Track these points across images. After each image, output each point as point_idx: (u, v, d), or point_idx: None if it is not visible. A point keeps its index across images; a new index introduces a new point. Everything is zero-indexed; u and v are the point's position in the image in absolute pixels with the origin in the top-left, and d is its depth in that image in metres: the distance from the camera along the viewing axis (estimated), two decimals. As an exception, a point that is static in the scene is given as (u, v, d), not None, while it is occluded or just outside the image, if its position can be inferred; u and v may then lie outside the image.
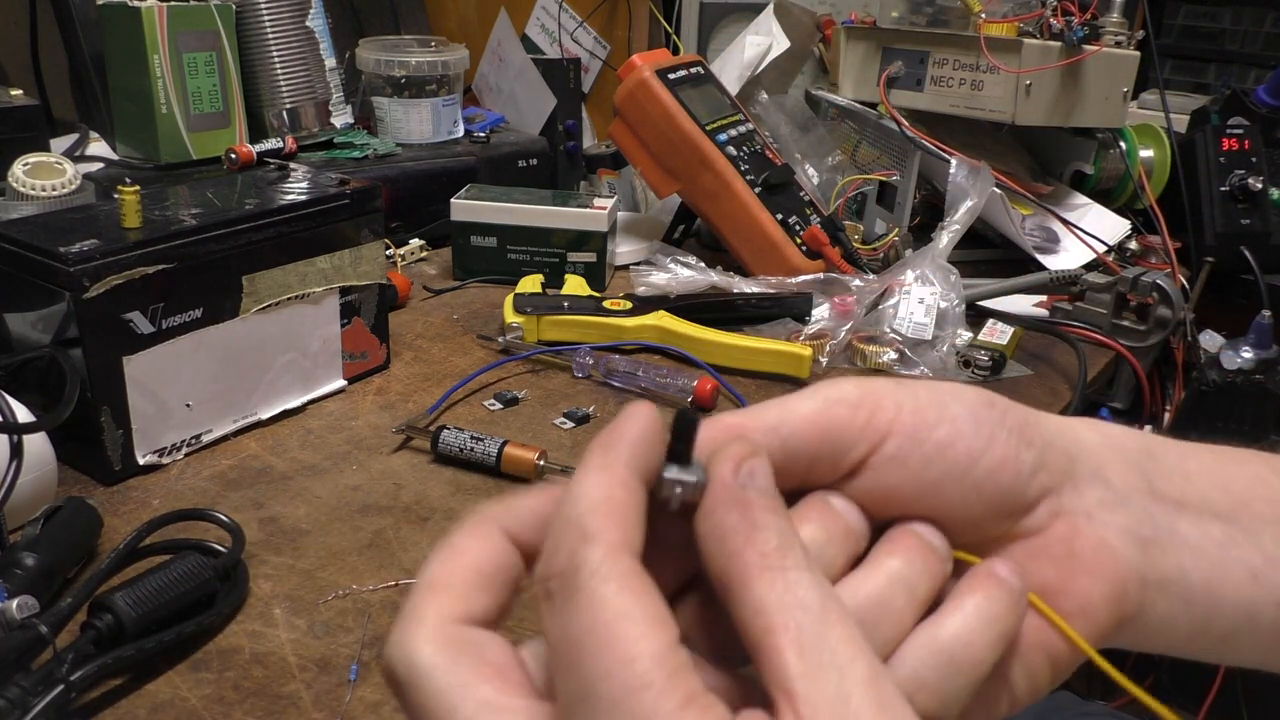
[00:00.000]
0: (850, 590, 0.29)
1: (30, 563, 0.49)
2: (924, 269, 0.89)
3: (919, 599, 0.29)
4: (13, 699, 0.41)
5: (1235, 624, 0.33)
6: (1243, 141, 1.15)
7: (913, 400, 0.30)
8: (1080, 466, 0.32)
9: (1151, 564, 0.32)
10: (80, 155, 1.04)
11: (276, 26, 1.06)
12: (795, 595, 0.24)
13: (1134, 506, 0.32)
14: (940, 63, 1.06)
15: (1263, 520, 0.33)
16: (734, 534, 0.25)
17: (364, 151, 1.10)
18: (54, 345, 0.60)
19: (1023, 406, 0.32)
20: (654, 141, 0.98)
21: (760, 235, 0.97)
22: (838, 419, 0.30)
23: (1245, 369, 0.90)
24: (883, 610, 0.28)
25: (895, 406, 0.30)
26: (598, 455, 0.26)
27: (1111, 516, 0.32)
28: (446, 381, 0.79)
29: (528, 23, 1.47)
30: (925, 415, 0.30)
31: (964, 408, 0.31)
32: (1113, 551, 0.32)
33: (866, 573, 0.29)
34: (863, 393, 0.30)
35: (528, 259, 0.99)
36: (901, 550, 0.30)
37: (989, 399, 0.31)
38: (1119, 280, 0.92)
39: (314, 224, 0.70)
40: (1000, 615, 0.29)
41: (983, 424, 0.30)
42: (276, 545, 0.57)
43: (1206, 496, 0.33)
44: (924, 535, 0.30)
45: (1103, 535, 0.32)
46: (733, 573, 0.25)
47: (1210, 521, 0.33)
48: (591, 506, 0.24)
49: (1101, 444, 0.33)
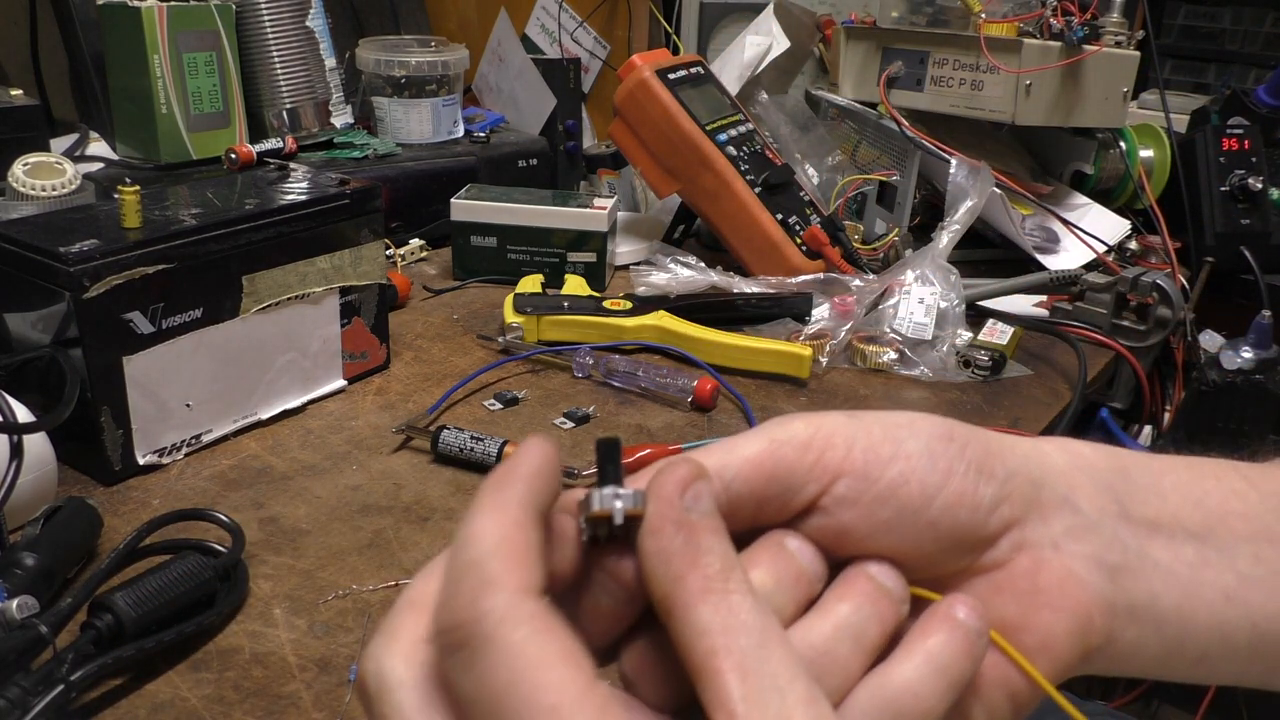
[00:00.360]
0: (798, 638, 0.28)
1: (30, 563, 0.49)
2: (924, 269, 0.89)
3: (867, 646, 0.29)
4: (13, 699, 0.41)
5: (1208, 646, 0.33)
6: (1243, 141, 1.15)
7: (865, 437, 0.30)
8: (1047, 493, 0.31)
9: (1121, 590, 0.31)
10: (80, 155, 1.04)
11: (276, 26, 1.06)
12: (738, 618, 0.24)
13: (1104, 532, 0.32)
14: (940, 63, 1.06)
15: (1237, 538, 0.33)
16: (678, 557, 0.25)
17: (364, 151, 1.10)
18: (54, 345, 0.60)
19: (986, 434, 0.31)
20: (654, 141, 0.98)
21: (760, 235, 0.97)
22: (784, 460, 0.29)
23: (1245, 369, 0.90)
24: (829, 659, 0.28)
25: (846, 445, 0.29)
26: (490, 494, 0.25)
27: (1079, 545, 0.31)
28: (446, 381, 0.79)
29: (528, 23, 1.47)
30: (878, 452, 0.29)
31: (919, 443, 0.30)
32: (1079, 582, 0.31)
33: (814, 620, 0.29)
34: (812, 431, 0.30)
35: (528, 259, 0.99)
36: (851, 595, 0.29)
37: (947, 431, 0.30)
38: (1119, 280, 0.93)
39: (314, 224, 0.70)
40: (953, 662, 0.29)
41: (939, 459, 0.30)
42: (276, 545, 0.57)
43: (1180, 515, 0.33)
44: (877, 577, 0.30)
45: (1069, 565, 0.31)
46: (676, 596, 0.24)
47: (1183, 542, 0.32)
48: (489, 550, 0.24)
49: (1071, 467, 0.32)
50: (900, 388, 0.83)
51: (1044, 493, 0.31)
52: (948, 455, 0.30)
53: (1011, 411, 0.80)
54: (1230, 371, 0.90)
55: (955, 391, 0.82)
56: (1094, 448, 0.33)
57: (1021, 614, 0.31)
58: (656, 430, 0.73)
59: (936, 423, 0.31)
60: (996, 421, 0.77)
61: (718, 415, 0.76)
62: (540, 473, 0.26)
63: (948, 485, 0.30)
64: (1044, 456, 0.32)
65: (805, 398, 0.80)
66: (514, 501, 0.25)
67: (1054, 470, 0.32)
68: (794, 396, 0.80)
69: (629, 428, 0.73)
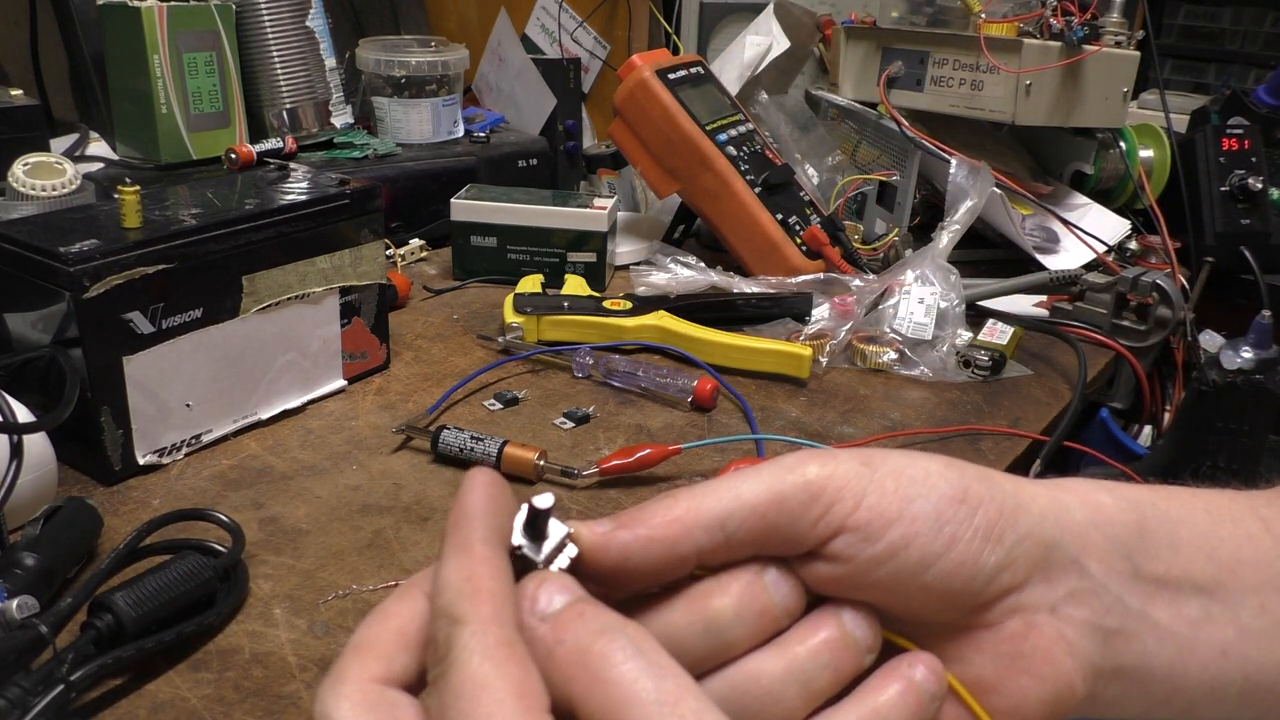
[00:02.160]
0: (745, 671, 0.29)
1: (30, 563, 0.49)
2: (924, 269, 0.89)
3: (814, 692, 0.29)
4: (13, 699, 0.41)
5: (1195, 699, 0.33)
6: (1243, 141, 1.15)
7: (876, 492, 0.29)
8: (1058, 555, 0.31)
9: (1112, 653, 0.31)
10: (80, 155, 1.04)
11: (276, 26, 1.06)
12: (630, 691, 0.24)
13: (1107, 595, 0.31)
14: (940, 63, 1.06)
15: (1246, 588, 0.33)
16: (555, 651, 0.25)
17: (364, 151, 1.10)
18: (54, 345, 0.60)
19: (1005, 490, 0.31)
20: (654, 141, 0.98)
21: (760, 235, 0.97)
22: (789, 512, 0.29)
23: (1245, 369, 0.90)
24: (771, 699, 0.28)
25: (855, 499, 0.29)
26: (451, 538, 0.26)
27: (1078, 609, 0.31)
28: (446, 381, 0.79)
29: (528, 23, 1.47)
30: (884, 511, 0.29)
31: (929, 504, 0.29)
32: (1068, 649, 0.31)
33: (767, 657, 0.29)
34: (825, 479, 0.29)
35: (528, 259, 0.99)
36: (812, 639, 0.29)
37: (961, 491, 0.30)
38: (1119, 280, 0.93)
39: (314, 224, 0.70)
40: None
41: (945, 525, 0.29)
42: (276, 545, 0.57)
43: (1191, 569, 0.32)
44: (846, 624, 0.30)
45: (1062, 631, 0.31)
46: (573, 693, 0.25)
47: (1189, 598, 0.32)
48: (456, 592, 0.25)
49: (1088, 524, 0.32)
50: (900, 388, 0.83)
51: (1053, 554, 0.31)
52: (956, 520, 0.29)
53: (1011, 411, 0.80)
54: (1230, 371, 0.90)
55: (955, 391, 0.82)
56: (1116, 497, 0.33)
57: (999, 676, 0.31)
58: (656, 430, 0.73)
59: (953, 480, 0.30)
60: (997, 421, 0.77)
61: (718, 415, 0.76)
62: (490, 507, 0.27)
63: (948, 553, 0.29)
64: (1062, 513, 0.31)
65: (805, 398, 0.80)
66: (473, 540, 0.26)
67: (1070, 529, 0.31)
68: (794, 396, 0.80)
69: (629, 428, 0.73)
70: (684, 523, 0.29)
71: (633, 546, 0.28)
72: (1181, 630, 0.32)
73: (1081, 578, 0.31)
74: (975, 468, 0.31)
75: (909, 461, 0.30)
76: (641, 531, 0.28)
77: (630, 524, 0.28)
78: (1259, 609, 0.32)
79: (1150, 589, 0.32)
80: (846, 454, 0.30)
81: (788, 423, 0.75)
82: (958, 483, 0.30)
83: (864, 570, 0.29)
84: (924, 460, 0.30)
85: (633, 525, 0.28)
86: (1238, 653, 0.32)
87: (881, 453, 0.30)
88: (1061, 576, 0.31)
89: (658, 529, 0.29)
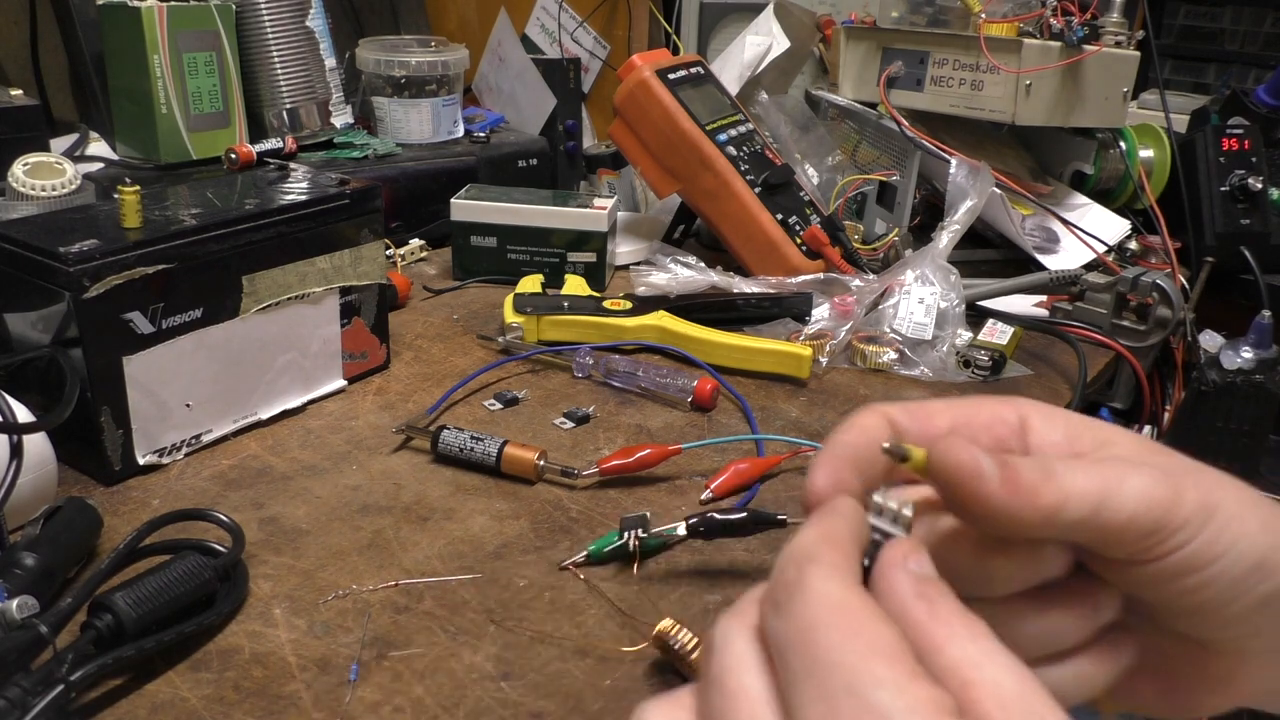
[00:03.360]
0: None
1: (30, 563, 0.49)
2: (924, 269, 0.89)
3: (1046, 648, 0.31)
4: (13, 699, 0.41)
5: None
6: (1243, 141, 1.15)
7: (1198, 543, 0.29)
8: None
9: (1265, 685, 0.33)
10: (80, 155, 1.04)
11: (276, 26, 1.06)
12: (989, 656, 0.24)
13: None
14: (940, 63, 1.06)
15: None
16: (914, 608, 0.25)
17: (364, 151, 1.10)
18: (54, 345, 0.60)
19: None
20: (654, 141, 0.98)
21: (760, 235, 0.97)
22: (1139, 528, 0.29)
23: (1245, 369, 0.90)
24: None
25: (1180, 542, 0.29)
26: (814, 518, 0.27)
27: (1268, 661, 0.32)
28: (446, 381, 0.79)
29: (528, 23, 1.47)
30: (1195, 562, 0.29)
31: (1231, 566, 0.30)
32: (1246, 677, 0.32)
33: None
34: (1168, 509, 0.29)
35: (528, 259, 0.99)
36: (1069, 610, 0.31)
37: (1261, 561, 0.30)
38: (1119, 280, 0.93)
39: (314, 224, 0.70)
40: None
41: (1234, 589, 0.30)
42: (276, 545, 0.57)
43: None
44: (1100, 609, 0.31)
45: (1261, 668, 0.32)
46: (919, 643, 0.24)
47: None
48: (813, 539, 0.26)
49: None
50: (900, 388, 0.83)
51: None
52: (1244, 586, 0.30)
53: (1011, 411, 0.79)
54: (1230, 371, 0.90)
55: (955, 391, 0.82)
56: None
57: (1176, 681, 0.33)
58: (656, 430, 0.73)
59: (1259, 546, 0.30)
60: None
61: (718, 415, 0.76)
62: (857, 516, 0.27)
63: (1222, 610, 0.30)
64: None
65: (805, 398, 0.80)
66: (835, 521, 0.27)
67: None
68: (794, 397, 0.80)
69: (629, 428, 0.73)
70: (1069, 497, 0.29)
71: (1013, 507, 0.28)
72: None
73: None
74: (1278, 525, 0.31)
75: (1235, 515, 0.30)
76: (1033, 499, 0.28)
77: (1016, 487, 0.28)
78: None
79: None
80: (1191, 481, 0.30)
81: (788, 423, 0.75)
82: (1263, 550, 0.30)
83: (1151, 586, 0.30)
84: (1249, 515, 0.31)
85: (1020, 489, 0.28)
86: None
87: (1219, 495, 0.30)
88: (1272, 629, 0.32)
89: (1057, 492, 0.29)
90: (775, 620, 0.24)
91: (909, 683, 0.22)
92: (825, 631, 0.23)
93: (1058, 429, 0.32)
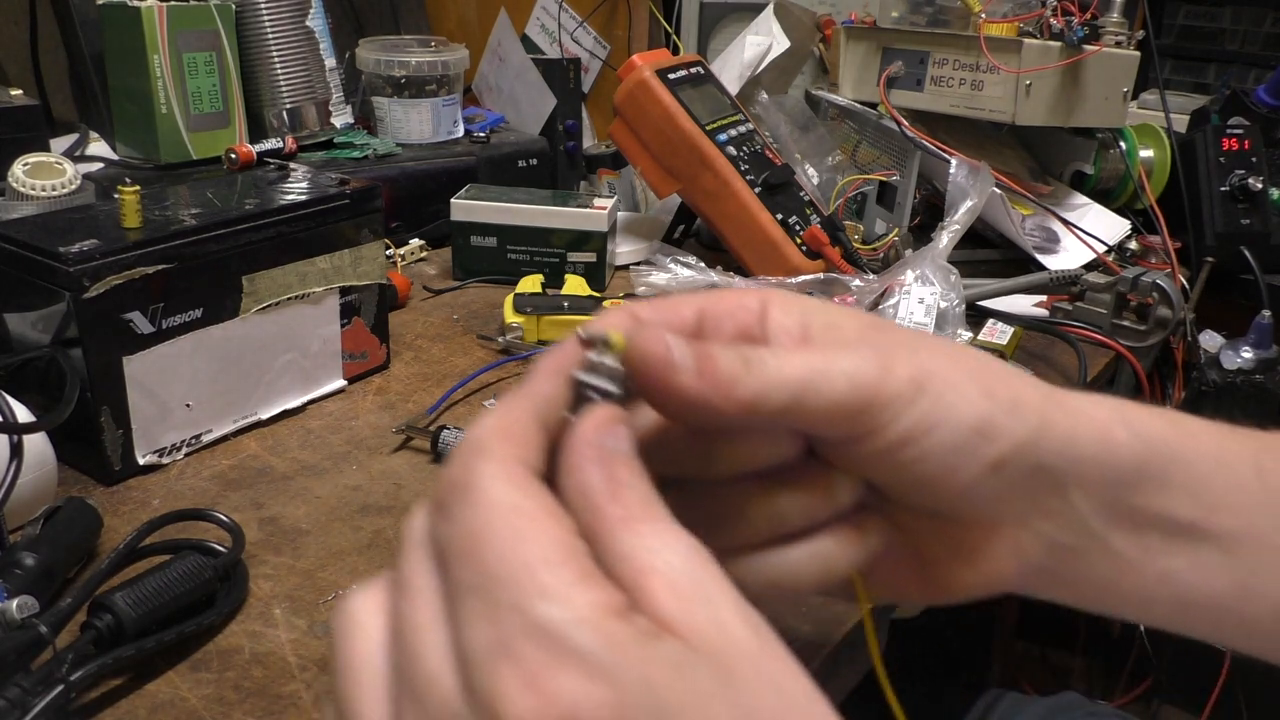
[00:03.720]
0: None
1: (30, 563, 0.49)
2: (924, 269, 0.89)
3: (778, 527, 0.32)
4: (13, 699, 0.41)
5: (1123, 608, 0.35)
6: (1243, 141, 1.15)
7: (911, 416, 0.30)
8: (1047, 479, 0.32)
9: (1054, 561, 0.34)
10: (80, 155, 1.04)
11: (276, 26, 1.06)
12: (663, 540, 0.24)
13: (1074, 517, 0.33)
14: (940, 63, 1.06)
15: (1218, 530, 0.34)
16: (599, 491, 0.25)
17: (364, 151, 1.10)
18: (54, 345, 0.60)
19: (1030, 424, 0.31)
20: (654, 141, 0.98)
21: (760, 235, 0.97)
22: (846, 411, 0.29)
23: (1245, 369, 0.90)
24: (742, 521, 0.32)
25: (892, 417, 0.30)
26: (499, 403, 0.27)
27: (1041, 523, 0.33)
28: (446, 381, 0.79)
29: (528, 23, 1.47)
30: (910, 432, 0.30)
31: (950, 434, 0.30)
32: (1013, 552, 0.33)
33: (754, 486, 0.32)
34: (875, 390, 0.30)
35: (528, 259, 0.99)
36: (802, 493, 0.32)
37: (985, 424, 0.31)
38: (1119, 280, 0.92)
39: (314, 224, 0.70)
40: None
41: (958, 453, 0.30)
42: (276, 545, 0.57)
43: (1171, 507, 0.34)
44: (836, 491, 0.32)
45: (1017, 537, 0.33)
46: (599, 526, 0.24)
47: (1152, 531, 0.34)
48: (489, 430, 0.25)
49: (1091, 459, 0.33)
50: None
51: (1044, 478, 0.32)
52: (968, 450, 0.31)
53: (1011, 411, 0.79)
54: (1230, 371, 0.90)
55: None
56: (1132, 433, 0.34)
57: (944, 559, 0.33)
58: (656, 430, 0.73)
59: (981, 412, 0.31)
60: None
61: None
62: (546, 392, 0.27)
63: (951, 476, 0.31)
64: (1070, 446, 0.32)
65: (805, 398, 0.80)
66: (518, 405, 0.26)
67: (1072, 461, 0.32)
68: (794, 396, 0.80)
69: (629, 428, 0.73)
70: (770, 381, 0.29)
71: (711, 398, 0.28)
72: (1133, 555, 0.34)
73: (1061, 500, 0.33)
74: (1010, 391, 0.32)
75: (950, 385, 0.31)
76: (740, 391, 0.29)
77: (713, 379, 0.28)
78: (1220, 548, 0.34)
79: (1119, 518, 0.33)
80: (904, 356, 0.30)
81: (788, 423, 0.75)
82: (984, 414, 0.31)
83: (873, 464, 0.31)
84: (965, 382, 0.31)
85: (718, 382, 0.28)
86: (1180, 580, 0.34)
87: (933, 365, 0.31)
88: (1043, 497, 0.33)
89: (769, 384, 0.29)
90: (442, 525, 0.23)
91: (578, 589, 0.22)
92: (491, 540, 0.22)
93: (793, 315, 0.32)
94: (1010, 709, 0.79)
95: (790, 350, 0.30)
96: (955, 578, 0.34)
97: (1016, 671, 1.44)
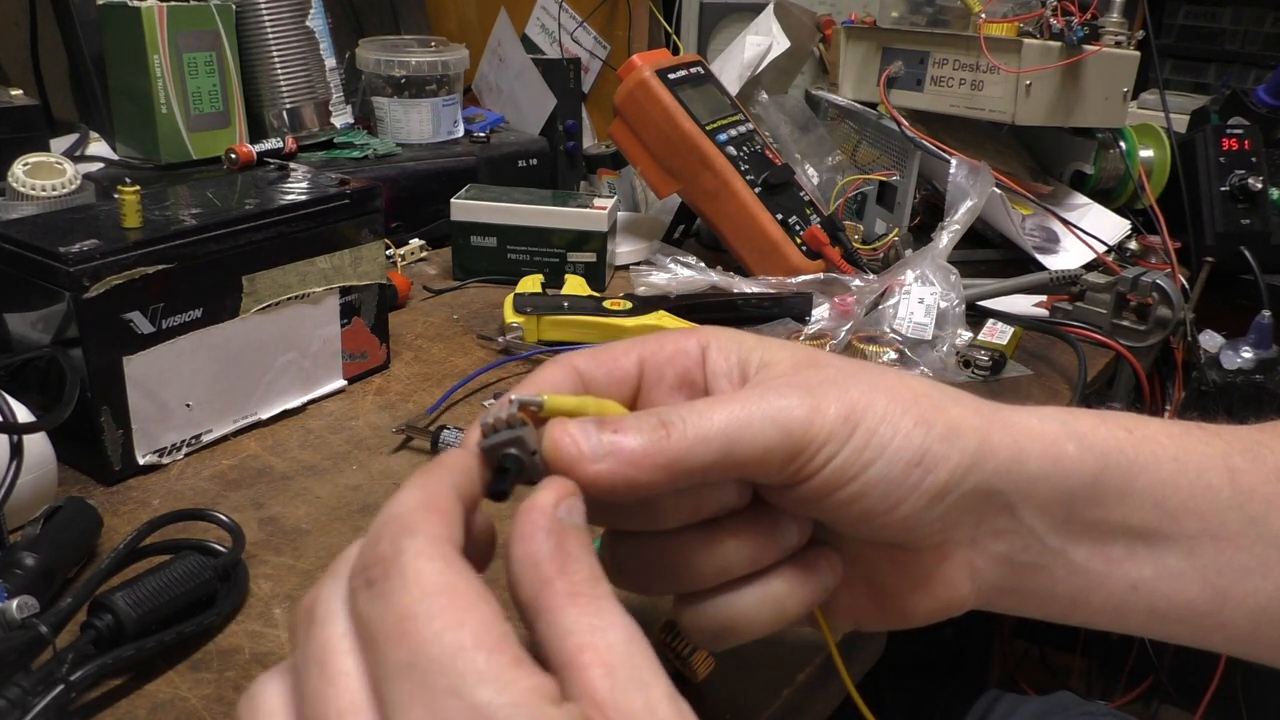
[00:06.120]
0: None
1: (30, 563, 0.49)
2: (924, 269, 0.89)
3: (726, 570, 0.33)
4: (13, 699, 0.41)
5: (1095, 619, 0.35)
6: (1243, 141, 1.15)
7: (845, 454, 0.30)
8: (995, 501, 0.32)
9: (1016, 580, 0.33)
10: (80, 155, 1.04)
11: (276, 26, 1.06)
12: (605, 619, 0.24)
13: (1029, 536, 0.33)
14: (940, 63, 1.06)
15: (1183, 535, 0.34)
16: (547, 563, 0.25)
17: (364, 151, 1.10)
18: (54, 345, 0.60)
19: (969, 448, 0.31)
20: (654, 141, 0.98)
21: (760, 235, 0.97)
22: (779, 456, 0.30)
23: (1245, 369, 0.90)
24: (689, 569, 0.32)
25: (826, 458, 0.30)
26: (417, 477, 0.26)
27: (994, 544, 0.33)
28: (446, 381, 0.79)
29: (528, 23, 1.47)
30: (845, 471, 0.30)
31: (885, 469, 0.30)
32: (968, 575, 0.33)
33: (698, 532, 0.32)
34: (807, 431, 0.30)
35: (528, 259, 0.99)
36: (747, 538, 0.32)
37: (921, 456, 0.31)
38: (1119, 280, 0.92)
39: (314, 224, 0.70)
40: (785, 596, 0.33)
41: (896, 488, 0.31)
42: (276, 545, 0.57)
43: (1132, 517, 0.33)
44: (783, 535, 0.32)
45: (971, 560, 0.33)
46: (543, 599, 0.24)
47: (1115, 541, 0.33)
48: (412, 506, 0.25)
49: (1039, 477, 0.32)
50: (900, 388, 0.82)
51: (992, 500, 0.32)
52: (907, 484, 0.31)
53: (1011, 411, 0.79)
54: (1230, 371, 0.90)
55: (955, 391, 0.82)
56: (1083, 447, 0.33)
57: (900, 589, 0.34)
58: (656, 430, 0.73)
59: (915, 444, 0.31)
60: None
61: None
62: (464, 466, 0.27)
63: (893, 511, 0.31)
64: (1016, 466, 0.32)
65: (805, 398, 0.80)
66: (438, 480, 0.26)
67: (1019, 481, 0.32)
68: (794, 396, 0.80)
69: (629, 428, 0.73)
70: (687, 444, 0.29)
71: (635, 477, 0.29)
72: (1096, 567, 0.34)
73: (1011, 519, 0.33)
74: (947, 418, 0.31)
75: (884, 419, 0.31)
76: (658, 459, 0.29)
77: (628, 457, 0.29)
78: (1186, 553, 0.34)
79: (1077, 532, 0.33)
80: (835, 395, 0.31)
81: (788, 423, 0.75)
82: (920, 445, 0.31)
83: (813, 505, 0.31)
84: (899, 414, 0.31)
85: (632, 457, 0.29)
86: (1149, 588, 0.34)
87: (865, 401, 0.31)
88: (991, 517, 0.33)
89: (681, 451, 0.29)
90: (370, 604, 0.23)
91: (513, 673, 0.22)
92: (424, 621, 0.22)
93: (731, 357, 0.32)
94: (1007, 710, 0.79)
95: (719, 400, 0.31)
96: (912, 604, 0.34)
97: (1016, 671, 1.44)
